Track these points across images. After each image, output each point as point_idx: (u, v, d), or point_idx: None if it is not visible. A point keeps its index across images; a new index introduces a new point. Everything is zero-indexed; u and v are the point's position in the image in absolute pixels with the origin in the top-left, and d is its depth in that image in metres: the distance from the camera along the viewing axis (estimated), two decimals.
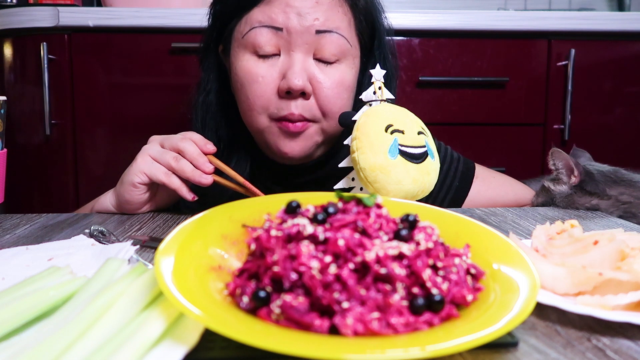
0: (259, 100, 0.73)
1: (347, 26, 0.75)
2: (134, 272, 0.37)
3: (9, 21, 1.31)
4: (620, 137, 1.43)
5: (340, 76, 0.74)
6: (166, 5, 1.38)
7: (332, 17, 0.73)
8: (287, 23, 0.71)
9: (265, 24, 0.72)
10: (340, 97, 0.75)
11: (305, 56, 0.73)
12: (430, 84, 1.37)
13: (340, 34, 0.73)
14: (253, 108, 0.74)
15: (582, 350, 0.35)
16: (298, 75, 0.71)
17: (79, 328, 0.31)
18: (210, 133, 0.83)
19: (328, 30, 0.72)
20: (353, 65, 0.77)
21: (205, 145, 0.72)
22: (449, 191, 0.89)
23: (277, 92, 0.73)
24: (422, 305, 0.33)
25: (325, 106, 0.74)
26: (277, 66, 0.73)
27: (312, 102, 0.73)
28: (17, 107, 1.35)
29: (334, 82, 0.74)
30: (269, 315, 0.33)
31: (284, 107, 0.73)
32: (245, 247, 0.41)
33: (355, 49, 0.77)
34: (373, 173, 0.59)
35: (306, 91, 0.72)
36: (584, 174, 0.79)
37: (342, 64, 0.75)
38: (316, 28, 0.72)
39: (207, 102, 0.84)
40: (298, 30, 0.71)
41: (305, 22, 0.71)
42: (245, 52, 0.74)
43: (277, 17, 0.72)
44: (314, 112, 0.74)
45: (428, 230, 0.38)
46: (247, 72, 0.74)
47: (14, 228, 0.67)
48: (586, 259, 0.44)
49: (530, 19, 1.35)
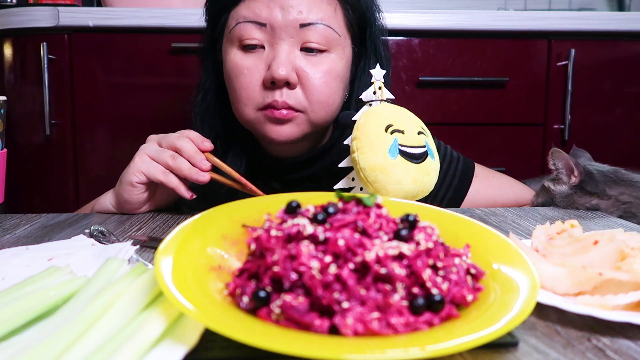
0: (245, 92, 0.74)
1: (332, 15, 0.75)
2: (134, 272, 0.37)
3: (9, 21, 1.31)
4: (620, 137, 1.43)
5: (328, 66, 0.74)
6: (166, 5, 1.38)
7: (316, 9, 0.73)
8: (271, 18, 0.72)
9: (250, 19, 0.73)
10: (329, 86, 0.75)
11: (291, 47, 0.73)
12: (430, 84, 1.37)
13: (325, 24, 0.73)
14: (240, 100, 0.75)
15: (582, 350, 0.35)
16: (282, 65, 0.71)
17: (79, 328, 0.31)
18: (209, 131, 0.83)
19: (312, 23, 0.73)
20: (343, 55, 0.77)
21: (202, 142, 0.72)
22: (448, 190, 0.89)
23: (263, 83, 0.73)
24: (422, 305, 0.33)
25: (312, 95, 0.74)
26: (262, 58, 0.74)
27: (298, 91, 0.74)
28: (17, 107, 1.35)
29: (322, 72, 0.74)
30: (269, 315, 0.33)
31: (268, 96, 0.73)
32: (245, 247, 0.41)
33: (344, 39, 0.77)
34: (373, 173, 0.59)
35: (290, 81, 0.72)
36: (584, 174, 0.79)
37: (331, 53, 0.75)
38: (300, 22, 0.72)
39: (205, 100, 0.85)
40: (282, 25, 0.72)
41: (288, 16, 0.72)
42: (233, 47, 0.75)
43: (261, 12, 0.72)
44: (300, 101, 0.74)
45: (428, 230, 0.38)
46: (234, 65, 0.75)
47: (14, 228, 0.67)
48: (586, 259, 0.44)
49: (530, 19, 1.35)
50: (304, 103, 0.74)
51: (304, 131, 0.76)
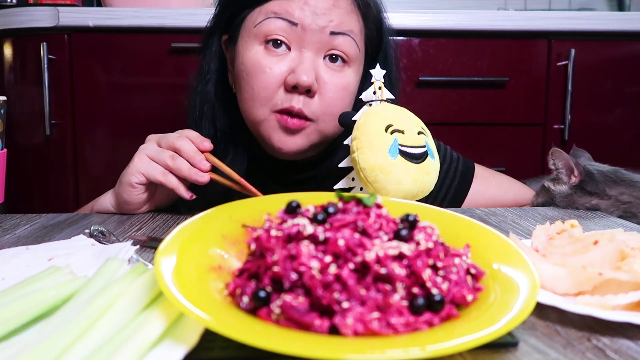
0: (264, 92, 0.73)
1: (358, 32, 0.76)
2: (134, 272, 0.37)
3: (9, 21, 1.31)
4: (620, 137, 1.43)
5: (346, 80, 0.75)
6: (166, 5, 1.38)
7: (347, 21, 0.74)
8: (303, 19, 0.72)
9: (281, 16, 0.72)
10: (343, 100, 0.75)
11: (316, 55, 0.73)
12: (430, 84, 1.37)
13: (352, 37, 0.74)
14: (256, 99, 0.74)
15: (582, 350, 0.35)
16: (307, 71, 0.71)
17: (79, 328, 0.31)
18: (208, 123, 0.82)
19: (342, 33, 0.73)
20: (358, 72, 0.78)
21: (202, 142, 0.71)
22: (448, 191, 0.89)
23: (283, 86, 0.73)
24: (422, 305, 0.33)
25: (327, 107, 0.74)
26: (286, 60, 0.73)
27: (315, 100, 0.73)
28: (17, 107, 1.35)
29: (339, 86, 0.74)
30: (269, 315, 0.33)
31: (287, 100, 0.73)
32: (245, 247, 0.41)
33: (361, 56, 0.78)
34: (373, 173, 0.59)
35: (312, 89, 0.72)
36: (584, 174, 0.79)
37: (350, 68, 0.76)
38: (330, 29, 0.72)
39: (205, 91, 0.83)
40: (313, 29, 0.72)
41: (320, 22, 0.72)
42: (255, 43, 0.74)
43: (294, 11, 0.72)
44: (314, 111, 0.74)
45: (428, 230, 0.38)
46: (256, 62, 0.73)
47: (14, 228, 0.67)
48: (586, 259, 0.44)
49: (530, 19, 1.35)
50: (317, 112, 0.74)
51: (311, 142, 0.76)
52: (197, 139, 0.72)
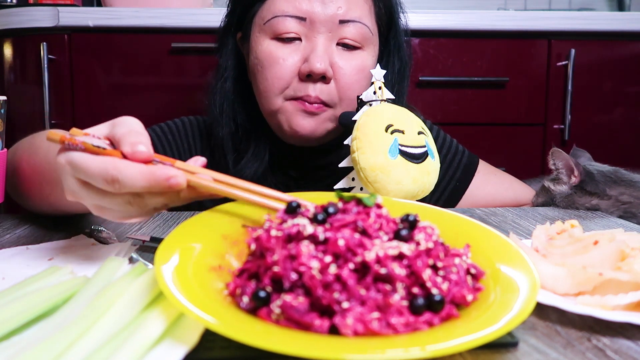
0: (278, 82, 0.73)
1: (367, 14, 0.76)
2: (134, 272, 0.37)
3: (9, 21, 1.31)
4: (620, 137, 1.43)
5: (361, 63, 0.75)
6: (166, 5, 1.38)
7: (354, 7, 0.74)
8: (311, 12, 0.72)
9: (289, 13, 0.72)
10: (360, 83, 0.75)
11: (328, 42, 0.73)
12: (430, 84, 1.37)
13: (362, 22, 0.74)
14: (270, 90, 0.74)
15: (582, 350, 0.35)
16: (320, 58, 0.71)
17: (79, 328, 0.31)
18: (227, 119, 0.82)
19: (351, 20, 0.73)
20: (373, 53, 0.78)
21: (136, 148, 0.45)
22: (450, 182, 0.89)
23: (298, 75, 0.73)
24: (422, 305, 0.33)
25: (344, 92, 0.74)
26: (299, 50, 0.73)
27: (331, 86, 0.74)
28: (17, 107, 1.35)
29: (355, 69, 0.74)
30: (269, 315, 0.33)
31: (302, 89, 0.73)
32: (245, 247, 0.41)
33: (375, 37, 0.78)
34: (373, 173, 0.59)
35: (327, 75, 0.72)
36: (584, 174, 0.79)
37: (364, 51, 0.76)
38: (339, 18, 0.73)
39: (224, 88, 0.83)
40: (321, 19, 0.72)
41: (328, 11, 0.72)
42: (266, 37, 0.74)
43: (301, 5, 0.72)
44: (332, 97, 0.74)
45: (428, 230, 0.38)
46: (268, 54, 0.74)
47: (14, 228, 0.67)
48: (586, 259, 0.44)
49: (530, 19, 1.35)
50: (335, 99, 0.74)
51: (327, 128, 0.76)
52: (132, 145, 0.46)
